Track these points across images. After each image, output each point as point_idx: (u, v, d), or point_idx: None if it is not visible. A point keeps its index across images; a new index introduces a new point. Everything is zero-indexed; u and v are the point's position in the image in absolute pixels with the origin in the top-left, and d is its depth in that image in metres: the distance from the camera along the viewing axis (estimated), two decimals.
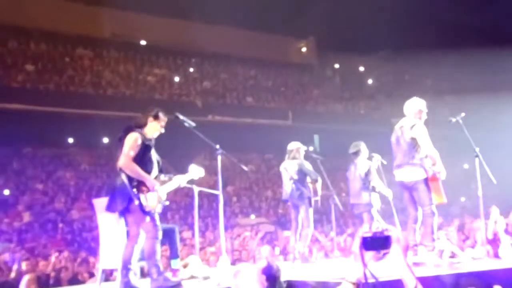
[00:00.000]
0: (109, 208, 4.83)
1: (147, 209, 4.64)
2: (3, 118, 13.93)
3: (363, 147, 7.51)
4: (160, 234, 4.73)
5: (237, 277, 2.30)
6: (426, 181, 5.54)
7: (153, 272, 4.63)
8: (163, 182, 4.97)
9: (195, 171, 5.49)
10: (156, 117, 4.91)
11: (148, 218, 4.67)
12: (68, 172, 15.58)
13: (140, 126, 4.86)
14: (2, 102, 14.86)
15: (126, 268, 4.74)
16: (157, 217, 4.78)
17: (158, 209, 4.77)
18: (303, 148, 7.64)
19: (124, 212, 4.77)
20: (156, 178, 4.89)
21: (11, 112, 14.84)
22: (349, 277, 1.88)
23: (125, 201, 4.64)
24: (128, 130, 4.80)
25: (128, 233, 5.07)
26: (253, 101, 21.12)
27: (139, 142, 4.72)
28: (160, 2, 18.18)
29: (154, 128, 4.91)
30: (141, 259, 4.91)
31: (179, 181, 5.21)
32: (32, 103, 15.37)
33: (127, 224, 4.85)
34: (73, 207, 13.76)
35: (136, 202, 4.59)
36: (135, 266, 4.93)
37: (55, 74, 17.47)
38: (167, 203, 4.93)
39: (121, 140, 4.83)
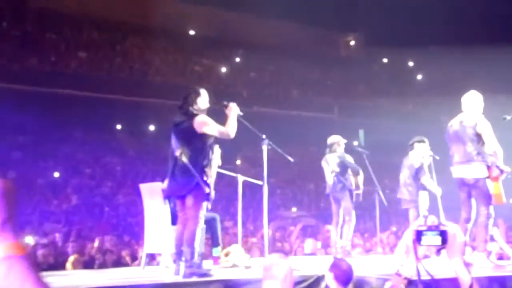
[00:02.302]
0: (171, 193, 4.88)
1: (211, 196, 4.71)
2: (56, 103, 14.38)
3: (420, 144, 7.25)
4: (202, 223, 4.75)
5: (270, 270, 2.27)
6: (487, 179, 5.29)
7: (188, 259, 4.64)
8: None
9: (218, 151, 5.67)
10: (198, 94, 4.93)
11: (207, 205, 4.72)
12: (115, 157, 15.93)
13: (198, 110, 4.86)
14: (56, 87, 15.32)
15: (180, 252, 4.78)
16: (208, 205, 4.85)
17: (213, 195, 4.83)
18: (343, 141, 7.60)
19: (184, 197, 4.77)
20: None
21: (64, 97, 15.28)
22: (402, 272, 1.83)
23: (189, 186, 4.64)
24: (190, 114, 4.79)
25: (176, 217, 5.11)
26: (298, 93, 21.02)
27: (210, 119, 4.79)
28: None
29: (204, 107, 4.94)
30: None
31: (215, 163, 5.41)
32: (84, 89, 15.78)
33: (181, 208, 4.86)
34: (119, 192, 14.06)
35: (207, 190, 4.62)
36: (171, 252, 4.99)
37: (106, 61, 17.86)
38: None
39: (178, 126, 4.82)
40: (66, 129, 15.21)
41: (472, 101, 5.51)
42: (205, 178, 4.62)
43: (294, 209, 15.72)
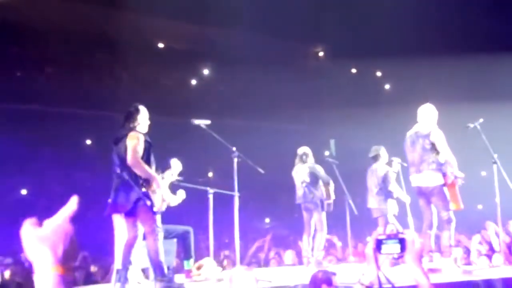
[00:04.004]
0: (114, 209, 4.85)
1: (156, 209, 4.66)
2: (22, 119, 14.12)
3: (382, 151, 7.48)
4: (161, 236, 4.73)
5: (234, 282, 2.29)
6: (444, 186, 5.48)
7: (157, 273, 4.62)
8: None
9: (177, 165, 5.58)
10: (137, 111, 4.95)
11: (157, 218, 4.70)
12: (85, 173, 15.71)
13: (135, 126, 4.89)
14: (22, 103, 15.07)
15: (126, 269, 4.76)
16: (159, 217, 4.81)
17: (163, 208, 4.80)
18: (311, 152, 7.72)
19: (130, 213, 4.76)
20: None
21: (30, 112, 15.04)
22: (363, 281, 1.88)
23: (131, 201, 4.64)
24: (127, 130, 4.83)
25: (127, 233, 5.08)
26: (269, 105, 21.11)
27: (143, 141, 4.77)
28: (178, 5, 18.28)
29: (143, 124, 4.97)
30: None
31: (168, 178, 5.30)
32: (51, 104, 15.57)
33: (130, 225, 4.84)
34: (90, 208, 13.86)
35: (149, 203, 4.59)
36: (137, 268, 4.96)
37: (74, 76, 17.64)
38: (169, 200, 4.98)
39: (117, 143, 4.84)
40: (33, 146, 14.98)
41: (426, 112, 5.75)
42: (144, 190, 4.60)
43: (267, 220, 15.75)
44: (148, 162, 4.77)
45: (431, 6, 17.73)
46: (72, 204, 1.40)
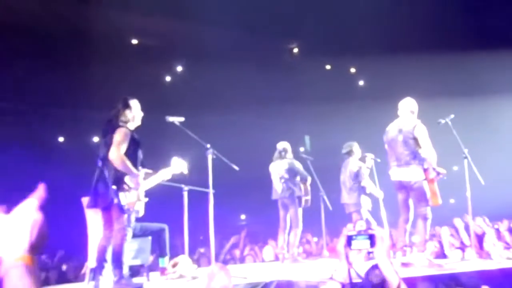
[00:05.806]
0: (91, 204, 4.80)
1: (125, 208, 4.59)
2: None
3: (355, 147, 7.56)
4: (129, 236, 4.68)
5: (208, 280, 2.29)
6: (424, 181, 5.49)
7: (115, 274, 4.57)
8: (146, 176, 4.96)
9: (178, 164, 5.44)
10: (127, 107, 4.88)
11: (124, 217, 4.63)
12: (57, 171, 15.48)
13: (125, 122, 4.82)
14: None
15: (101, 266, 4.71)
16: (132, 217, 4.73)
17: (137, 207, 4.73)
18: (290, 147, 7.72)
19: (106, 210, 4.73)
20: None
21: (1, 109, 14.75)
22: (335, 276, 1.89)
23: (108, 197, 4.59)
24: (115, 126, 4.76)
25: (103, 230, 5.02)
26: (244, 101, 21.08)
27: (129, 137, 4.70)
28: (152, 1, 18.11)
29: (135, 119, 4.89)
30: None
31: (162, 175, 5.20)
32: (22, 101, 15.30)
33: (104, 222, 4.80)
34: (64, 207, 13.66)
35: (115, 201, 4.54)
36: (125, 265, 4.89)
37: (46, 72, 17.34)
38: (147, 199, 4.90)
39: (105, 136, 4.79)
40: (5, 143, 14.70)
41: (408, 106, 5.74)
42: (114, 187, 4.54)
43: (243, 216, 15.76)
44: (132, 160, 4.69)
45: (405, 2, 17.90)
46: (40, 192, 1.31)
